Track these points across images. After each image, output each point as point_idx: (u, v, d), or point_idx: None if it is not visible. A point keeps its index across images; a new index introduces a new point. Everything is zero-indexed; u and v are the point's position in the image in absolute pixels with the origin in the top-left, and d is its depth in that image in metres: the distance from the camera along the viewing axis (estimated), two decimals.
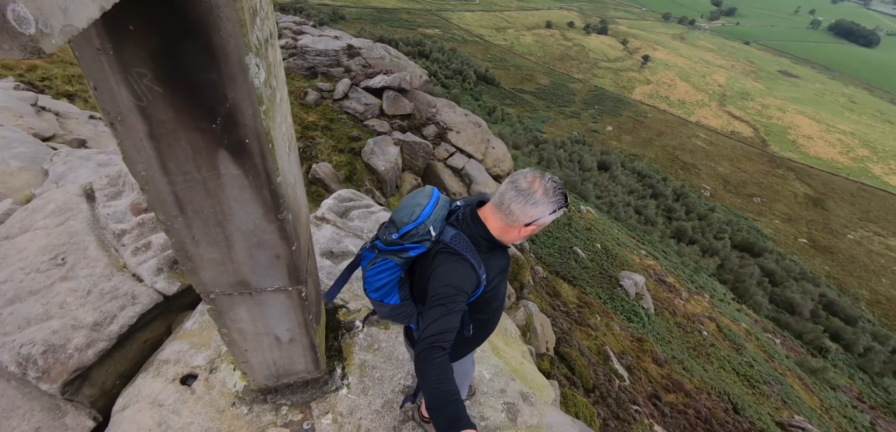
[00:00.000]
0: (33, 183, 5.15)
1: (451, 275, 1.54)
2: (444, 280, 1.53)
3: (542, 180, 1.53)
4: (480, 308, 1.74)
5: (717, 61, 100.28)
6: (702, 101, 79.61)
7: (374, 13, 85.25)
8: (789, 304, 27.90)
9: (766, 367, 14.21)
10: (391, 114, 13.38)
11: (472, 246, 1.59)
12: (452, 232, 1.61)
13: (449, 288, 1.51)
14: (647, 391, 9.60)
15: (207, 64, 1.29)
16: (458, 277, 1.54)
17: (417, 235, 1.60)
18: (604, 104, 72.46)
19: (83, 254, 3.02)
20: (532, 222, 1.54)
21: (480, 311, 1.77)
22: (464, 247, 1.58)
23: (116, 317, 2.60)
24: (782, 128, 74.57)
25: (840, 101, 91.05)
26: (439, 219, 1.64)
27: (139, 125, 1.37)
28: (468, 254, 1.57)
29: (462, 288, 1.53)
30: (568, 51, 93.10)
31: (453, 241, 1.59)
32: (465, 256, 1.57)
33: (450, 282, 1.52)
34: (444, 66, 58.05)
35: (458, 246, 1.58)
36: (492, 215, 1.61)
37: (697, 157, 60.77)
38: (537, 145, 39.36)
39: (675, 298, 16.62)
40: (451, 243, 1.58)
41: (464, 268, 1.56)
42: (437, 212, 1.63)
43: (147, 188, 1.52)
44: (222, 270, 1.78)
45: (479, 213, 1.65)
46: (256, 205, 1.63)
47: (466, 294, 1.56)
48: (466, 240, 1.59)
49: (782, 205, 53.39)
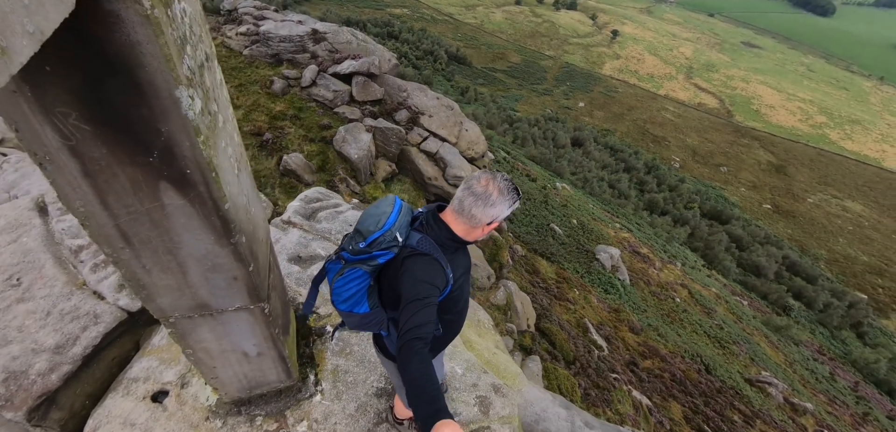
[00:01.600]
0: None
1: (422, 273, 1.59)
2: (416, 277, 1.58)
3: (496, 181, 1.61)
4: (448, 307, 1.80)
5: (683, 34, 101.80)
6: (669, 75, 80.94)
7: None
8: (755, 267, 29.09)
9: (735, 328, 14.84)
10: (361, 100, 13.14)
11: (437, 247, 1.65)
12: (418, 236, 1.66)
13: (422, 283, 1.56)
14: (625, 359, 9.91)
15: (136, 100, 1.24)
16: (428, 274, 1.60)
17: (385, 242, 1.64)
18: (575, 80, 72.90)
19: (40, 274, 2.90)
20: (492, 220, 1.63)
21: (447, 311, 1.82)
22: (430, 248, 1.64)
23: (79, 338, 2.52)
24: (746, 98, 76.62)
25: (799, 70, 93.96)
26: (404, 224, 1.68)
27: (71, 164, 1.31)
28: (435, 254, 1.63)
29: (434, 283, 1.60)
30: (538, 27, 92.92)
31: (420, 244, 1.64)
32: (433, 256, 1.63)
33: (422, 277, 1.58)
34: (414, 47, 57.21)
35: (425, 248, 1.64)
36: (455, 220, 1.67)
37: (667, 130, 62.03)
38: (511, 124, 39.44)
39: (650, 268, 17.09)
40: (418, 246, 1.64)
41: (433, 266, 1.62)
42: (401, 219, 1.68)
43: (87, 224, 1.46)
44: (179, 295, 1.73)
45: (441, 216, 1.70)
46: (207, 232, 1.58)
47: (438, 289, 1.61)
48: (432, 242, 1.65)
49: (747, 173, 55.18)
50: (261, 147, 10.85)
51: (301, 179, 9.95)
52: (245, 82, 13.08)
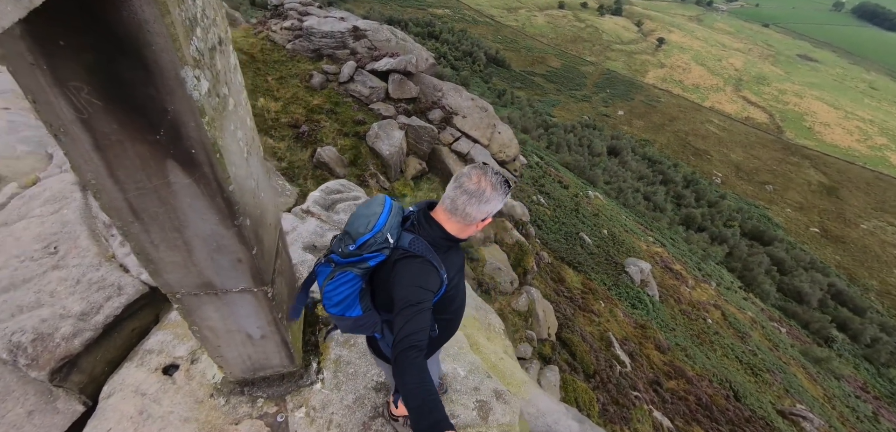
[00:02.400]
0: (39, 167, 5.21)
1: (415, 278, 1.54)
2: (409, 281, 1.53)
3: (487, 176, 1.57)
4: (443, 308, 1.75)
5: (734, 44, 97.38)
6: (717, 86, 77.61)
7: None
8: (797, 293, 27.43)
9: (769, 356, 14.05)
10: (396, 98, 13.26)
11: (430, 247, 1.60)
12: (410, 236, 1.61)
13: (416, 289, 1.52)
14: (649, 377, 9.56)
15: (144, 78, 1.27)
16: (422, 278, 1.55)
17: (376, 244, 1.59)
18: (616, 87, 71.06)
19: (75, 244, 3.06)
20: (487, 217, 1.59)
21: (443, 311, 1.78)
22: (423, 249, 1.59)
23: (102, 307, 2.64)
24: (799, 114, 72.45)
25: (860, 87, 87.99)
26: (395, 225, 1.64)
27: (83, 137, 1.36)
28: (428, 255, 1.59)
29: (428, 287, 1.55)
30: (581, 32, 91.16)
31: (412, 245, 1.59)
32: (426, 258, 1.58)
33: (416, 282, 1.53)
34: (454, 48, 57.29)
35: (417, 249, 1.59)
36: (447, 219, 1.62)
37: (710, 143, 59.52)
38: (546, 129, 38.87)
39: (682, 286, 16.43)
40: (411, 247, 1.59)
41: (426, 268, 1.57)
42: (392, 220, 1.63)
43: (99, 196, 1.51)
44: (185, 273, 1.78)
45: (433, 215, 1.65)
46: (211, 212, 1.61)
47: (432, 292, 1.57)
48: (425, 243, 1.60)
49: (795, 193, 52.18)
50: (296, 139, 11.12)
51: (333, 172, 10.13)
52: (286, 75, 13.44)
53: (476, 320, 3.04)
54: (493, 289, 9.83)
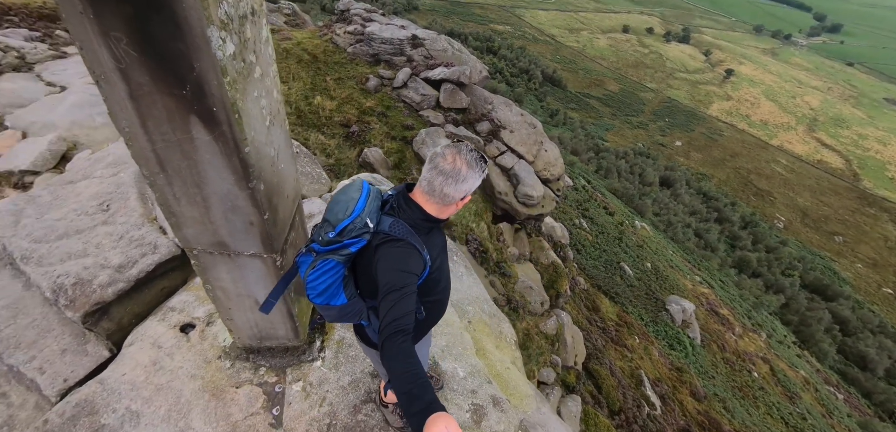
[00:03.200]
0: (112, 137, 5.70)
1: (397, 261, 1.52)
2: (392, 266, 1.52)
3: (462, 154, 1.55)
4: (428, 289, 1.74)
5: (811, 82, 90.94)
6: (788, 124, 72.74)
7: (448, 6, 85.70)
8: (861, 358, 24.93)
9: (821, 422, 12.83)
10: (447, 107, 13.43)
11: (411, 230, 1.59)
12: (390, 219, 1.60)
13: (399, 273, 1.50)
14: (680, 424, 9.01)
15: (174, 34, 1.36)
16: (405, 261, 1.53)
17: (355, 229, 1.57)
18: (675, 117, 68.27)
19: (125, 204, 3.33)
20: (465, 195, 1.59)
21: (429, 293, 1.76)
22: (404, 232, 1.57)
23: (137, 262, 2.84)
24: (881, 162, 66.41)
25: None
26: (374, 209, 1.62)
27: (120, 85, 1.47)
28: (410, 238, 1.57)
29: (411, 270, 1.53)
30: (643, 58, 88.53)
31: (393, 228, 1.57)
32: (407, 241, 1.56)
33: (398, 267, 1.51)
34: (511, 64, 57.33)
35: (398, 232, 1.57)
36: (426, 201, 1.60)
37: (774, 185, 55.74)
38: (597, 153, 37.92)
39: (728, 332, 15.41)
40: (391, 230, 1.57)
41: (409, 251, 1.56)
42: (370, 204, 1.61)
43: (131, 144, 1.63)
44: (202, 229, 1.88)
45: (412, 197, 1.64)
46: (228, 171, 1.70)
47: (416, 275, 1.55)
48: (405, 226, 1.59)
49: (868, 247, 47.68)
50: (346, 137, 11.50)
51: (376, 173, 10.38)
52: (344, 77, 13.98)
53: (487, 325, 2.99)
54: (522, 307, 9.63)
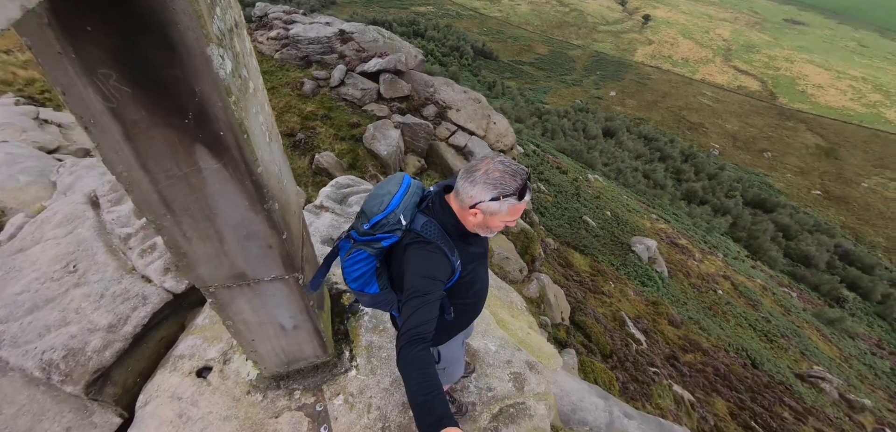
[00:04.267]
0: (43, 195, 5.21)
1: (423, 266, 1.50)
2: (417, 271, 1.49)
3: (492, 162, 1.48)
4: (459, 293, 1.72)
5: (719, 15, 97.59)
6: (706, 58, 77.78)
7: None
8: (805, 257, 27.54)
9: (783, 321, 14.10)
10: (389, 98, 13.28)
11: (442, 233, 1.56)
12: (423, 219, 1.57)
13: (423, 279, 1.47)
14: (665, 353, 9.58)
15: (170, 60, 1.27)
16: (431, 267, 1.50)
17: (388, 225, 1.57)
18: (605, 69, 71.16)
19: (93, 261, 3.07)
20: (475, 205, 1.48)
21: (460, 297, 1.74)
22: (435, 234, 1.54)
23: (130, 317, 2.64)
24: (791, 79, 72.68)
25: (850, 46, 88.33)
26: (410, 206, 1.60)
27: (113, 127, 1.36)
28: (440, 241, 1.54)
29: (436, 276, 1.50)
30: (565, 17, 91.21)
31: (424, 229, 1.55)
32: (436, 244, 1.53)
33: (423, 272, 1.49)
34: (440, 44, 57.35)
35: (428, 234, 1.54)
36: (453, 200, 1.58)
37: (704, 116, 59.64)
38: (540, 117, 38.92)
39: (689, 259, 16.48)
40: (422, 231, 1.55)
41: (436, 256, 1.52)
42: (407, 200, 1.59)
43: (131, 190, 1.51)
44: (218, 264, 1.77)
45: (447, 199, 1.61)
46: (240, 197, 1.61)
47: (441, 282, 1.52)
48: (438, 228, 1.56)
49: (794, 158, 52.35)
50: (294, 147, 11.12)
51: (332, 177, 10.13)
52: (277, 85, 13.44)
53: (498, 299, 3.05)
54: (503, 278, 9.85)
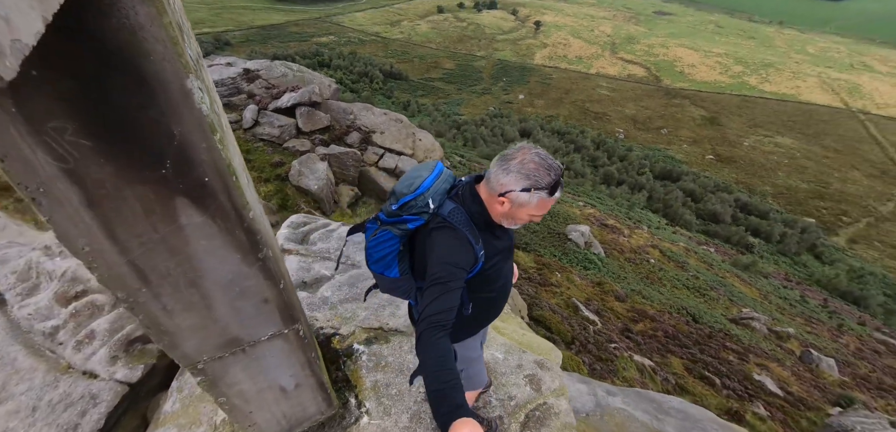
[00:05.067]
0: None
1: (446, 252, 1.48)
2: (440, 257, 1.47)
3: (529, 152, 1.47)
4: (481, 286, 1.68)
5: (599, 14, 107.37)
6: (596, 54, 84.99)
7: (261, 32, 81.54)
8: (713, 215, 30.86)
9: (709, 275, 15.57)
10: (309, 131, 12.85)
11: (469, 221, 1.54)
12: (452, 206, 1.55)
13: (446, 265, 1.46)
14: (619, 327, 10.10)
15: (142, 98, 1.07)
16: (454, 253, 1.48)
17: (416, 207, 1.56)
18: (510, 75, 75.01)
19: (13, 369, 2.54)
20: (505, 193, 1.47)
21: (482, 290, 1.70)
22: (461, 221, 1.53)
23: (79, 425, 2.21)
24: (669, 62, 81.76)
25: (709, 28, 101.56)
26: (440, 191, 1.58)
27: (70, 193, 1.11)
28: (465, 228, 1.52)
29: (459, 264, 1.48)
30: (464, 31, 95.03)
31: (451, 215, 1.53)
32: (461, 231, 1.51)
33: (446, 258, 1.47)
34: (348, 72, 57.04)
35: (455, 220, 1.52)
36: (483, 188, 1.57)
37: (605, 105, 64.92)
38: (459, 128, 39.96)
39: (619, 237, 17.65)
40: (449, 217, 1.53)
41: (460, 242, 1.50)
42: (438, 185, 1.59)
43: (95, 266, 1.25)
44: (206, 334, 1.53)
45: (477, 188, 1.59)
46: (231, 250, 1.40)
47: (464, 270, 1.50)
48: (465, 215, 1.54)
49: (686, 130, 58.66)
50: None
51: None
52: None
53: None
54: None
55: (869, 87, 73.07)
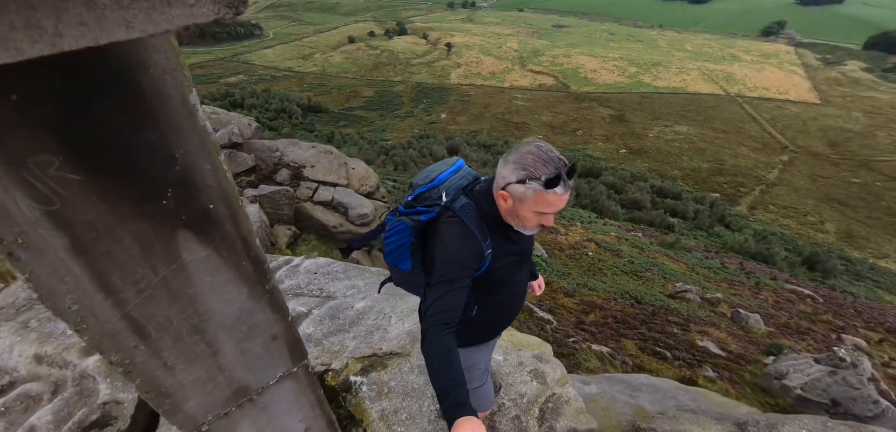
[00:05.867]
0: None
1: (452, 248, 1.47)
2: (446, 252, 1.47)
3: (531, 145, 1.47)
4: (488, 289, 1.64)
5: (505, 31, 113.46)
6: (507, 68, 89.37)
7: None
8: (635, 203, 33.38)
9: (641, 259, 16.73)
10: (235, 174, 12.14)
11: (478, 218, 1.53)
12: (464, 201, 1.55)
13: (451, 262, 1.45)
14: (573, 321, 10.48)
15: (141, 118, 0.95)
16: (460, 248, 1.48)
17: (429, 199, 1.57)
18: (430, 96, 76.51)
19: None
20: (505, 187, 1.46)
21: (490, 293, 1.66)
22: (470, 216, 1.52)
23: None
24: (574, 69, 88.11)
25: (603, 36, 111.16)
26: (456, 186, 1.58)
27: (55, 239, 0.95)
28: (473, 224, 1.50)
29: (464, 260, 1.47)
30: (379, 58, 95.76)
31: (462, 210, 1.52)
32: (468, 224, 1.50)
33: (452, 254, 1.46)
34: (264, 110, 54.98)
35: (464, 215, 1.51)
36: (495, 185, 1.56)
37: (523, 115, 68.24)
38: (387, 153, 39.87)
39: (557, 236, 18.44)
40: (460, 211, 1.52)
41: (466, 237, 1.49)
42: (454, 180, 1.60)
43: (85, 327, 1.07)
44: (212, 387, 1.36)
45: (493, 187, 1.56)
46: (238, 284, 1.27)
47: (469, 268, 1.49)
48: (475, 212, 1.53)
49: (598, 129, 63.22)
50: None
51: None
52: None
53: None
54: None
55: (740, 74, 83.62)
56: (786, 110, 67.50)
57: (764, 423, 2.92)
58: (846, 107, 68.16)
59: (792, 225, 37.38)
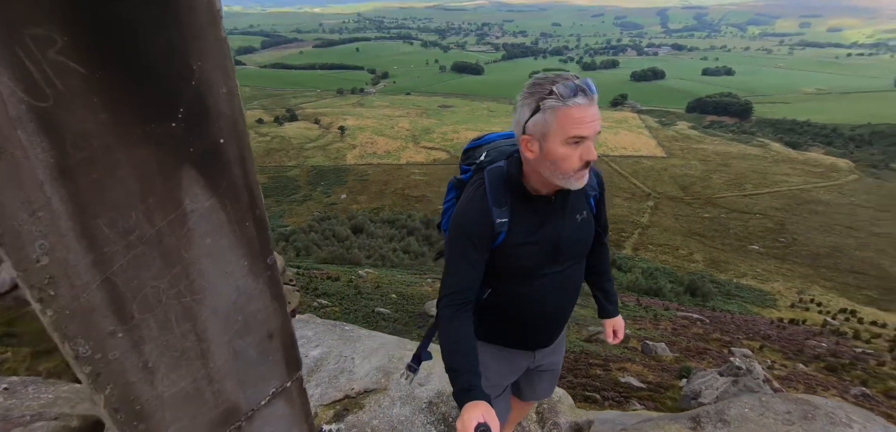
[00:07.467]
0: None
1: (459, 212, 1.40)
2: (454, 219, 1.40)
3: (537, 75, 1.28)
4: (510, 273, 1.41)
5: (395, 114, 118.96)
6: (402, 146, 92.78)
7: None
8: None
9: None
10: None
11: (500, 182, 1.36)
12: (498, 163, 1.40)
13: (457, 231, 1.38)
14: None
15: (162, 14, 0.81)
16: (465, 215, 1.36)
17: (472, 157, 1.55)
18: (327, 178, 75.69)
19: None
20: (524, 131, 1.27)
21: (510, 278, 1.42)
22: (492, 180, 1.36)
23: None
24: (463, 143, 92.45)
25: (484, 113, 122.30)
26: (499, 149, 1.47)
27: (37, 151, 0.74)
28: (490, 188, 1.34)
29: (469, 230, 1.34)
30: (270, 145, 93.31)
31: (489, 172, 1.37)
32: (481, 191, 1.36)
33: (457, 222, 1.39)
34: None
35: (487, 176, 1.37)
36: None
37: (422, 189, 70.34)
38: (288, 240, 37.92)
39: None
40: (487, 173, 1.38)
41: (475, 206, 1.34)
42: (501, 143, 1.52)
43: (51, 293, 0.81)
44: (198, 405, 1.08)
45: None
46: (238, 253, 1.06)
47: (477, 238, 1.33)
48: (500, 175, 1.36)
49: None
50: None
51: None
52: None
53: None
54: None
55: (602, 137, 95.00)
56: (643, 164, 78.61)
57: (714, 411, 3.11)
58: (685, 157, 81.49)
59: (670, 259, 42.51)
